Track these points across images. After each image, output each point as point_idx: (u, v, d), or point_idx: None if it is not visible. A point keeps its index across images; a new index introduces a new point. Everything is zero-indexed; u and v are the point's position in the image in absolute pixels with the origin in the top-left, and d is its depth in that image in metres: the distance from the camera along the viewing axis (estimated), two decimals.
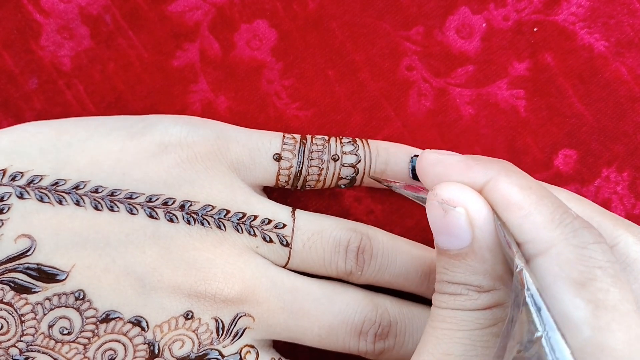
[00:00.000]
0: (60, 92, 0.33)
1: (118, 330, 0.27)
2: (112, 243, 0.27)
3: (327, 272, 0.30)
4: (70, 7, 0.33)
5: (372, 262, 0.29)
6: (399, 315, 0.29)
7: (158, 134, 0.29)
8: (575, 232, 0.21)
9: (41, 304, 0.27)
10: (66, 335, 0.27)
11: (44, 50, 0.33)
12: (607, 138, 0.33)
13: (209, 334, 0.28)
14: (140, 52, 0.33)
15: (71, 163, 0.28)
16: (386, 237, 0.30)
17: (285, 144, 0.30)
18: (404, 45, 0.33)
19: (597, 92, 0.33)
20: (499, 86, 0.33)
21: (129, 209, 0.28)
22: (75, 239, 0.27)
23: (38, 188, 0.27)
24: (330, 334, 0.29)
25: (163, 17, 0.33)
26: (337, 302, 0.29)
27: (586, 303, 0.19)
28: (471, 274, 0.23)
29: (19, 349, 0.27)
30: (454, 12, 0.33)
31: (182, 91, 0.33)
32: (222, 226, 0.28)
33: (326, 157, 0.30)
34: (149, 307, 0.27)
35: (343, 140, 0.30)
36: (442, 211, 0.23)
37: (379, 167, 0.30)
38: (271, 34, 0.33)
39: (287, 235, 0.29)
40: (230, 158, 0.29)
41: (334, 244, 0.29)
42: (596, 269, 0.20)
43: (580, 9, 0.33)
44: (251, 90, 0.33)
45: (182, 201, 0.28)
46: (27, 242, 0.27)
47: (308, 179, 0.30)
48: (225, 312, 0.28)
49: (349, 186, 0.31)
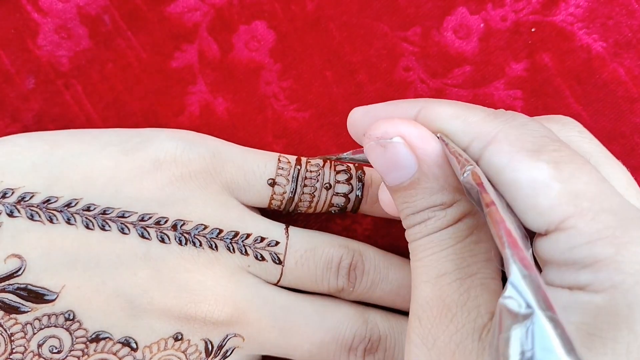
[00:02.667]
0: (58, 93, 0.33)
1: (108, 350, 0.27)
2: (102, 264, 0.27)
3: (318, 288, 0.29)
4: (69, 7, 0.33)
5: (363, 279, 0.29)
6: (389, 329, 0.29)
7: (152, 150, 0.28)
8: (513, 116, 0.23)
9: (31, 323, 0.27)
10: (56, 354, 0.27)
11: (41, 50, 0.33)
12: (604, 138, 0.32)
13: (197, 355, 0.28)
14: (138, 53, 0.33)
15: (64, 179, 0.28)
16: (378, 254, 0.30)
17: (280, 169, 0.30)
18: (401, 45, 0.33)
19: (594, 93, 0.33)
20: (496, 87, 0.33)
21: (120, 228, 0.27)
22: (66, 259, 0.27)
23: (29, 206, 0.27)
24: (321, 350, 0.29)
25: (162, 18, 0.33)
26: (328, 318, 0.29)
27: (547, 163, 0.21)
28: (430, 195, 0.23)
29: None
30: (451, 13, 0.33)
31: (181, 92, 0.33)
32: (214, 246, 0.28)
33: (319, 185, 0.30)
34: (139, 328, 0.27)
35: (337, 167, 0.30)
36: (382, 147, 0.23)
37: (371, 198, 0.30)
38: (269, 35, 0.33)
39: (280, 253, 0.29)
40: (225, 178, 0.29)
41: (326, 261, 0.29)
42: (543, 137, 0.22)
43: (579, 10, 0.33)
44: (249, 92, 0.33)
45: (175, 220, 0.28)
46: (17, 262, 0.27)
47: (300, 205, 0.30)
48: (215, 333, 0.28)
49: (340, 212, 0.31)
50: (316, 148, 0.33)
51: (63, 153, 0.28)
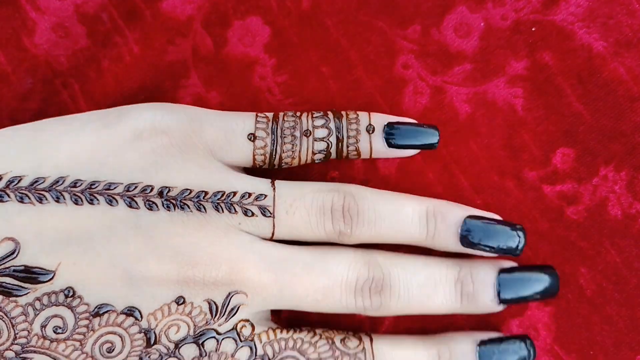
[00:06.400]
0: (56, 92, 0.32)
1: (112, 322, 0.28)
2: (95, 237, 0.27)
3: (315, 236, 0.30)
4: (66, 5, 0.33)
5: (359, 219, 0.29)
6: (392, 266, 0.30)
7: (131, 120, 0.29)
8: None
9: (31, 304, 0.27)
10: (60, 334, 0.27)
11: (39, 49, 0.32)
12: (605, 137, 0.32)
13: (203, 316, 0.28)
14: (131, 47, 0.33)
15: (49, 160, 0.28)
16: (369, 191, 0.30)
17: (258, 123, 0.30)
18: (400, 43, 0.33)
19: (595, 92, 0.33)
20: (497, 85, 0.33)
21: (108, 201, 0.28)
22: (59, 237, 0.27)
23: (18, 189, 0.28)
24: (327, 296, 0.29)
25: (156, 12, 0.33)
26: (329, 264, 0.29)
27: None
28: None
29: (15, 352, 0.27)
30: (451, 11, 0.33)
31: (174, 86, 0.33)
32: (202, 208, 0.28)
33: (298, 134, 0.30)
34: (140, 296, 0.28)
35: (314, 114, 0.30)
36: None
37: (351, 136, 0.30)
38: (264, 31, 0.33)
39: (268, 205, 0.29)
40: (205, 140, 0.29)
41: (318, 206, 0.29)
42: None
43: (579, 9, 0.33)
44: (243, 86, 0.33)
45: (161, 187, 0.28)
46: (11, 245, 0.27)
47: (283, 156, 0.30)
48: (217, 293, 0.28)
49: (325, 160, 0.31)
50: None
51: (46, 136, 0.29)
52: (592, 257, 0.32)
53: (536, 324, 0.32)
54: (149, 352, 0.28)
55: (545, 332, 0.32)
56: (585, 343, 0.32)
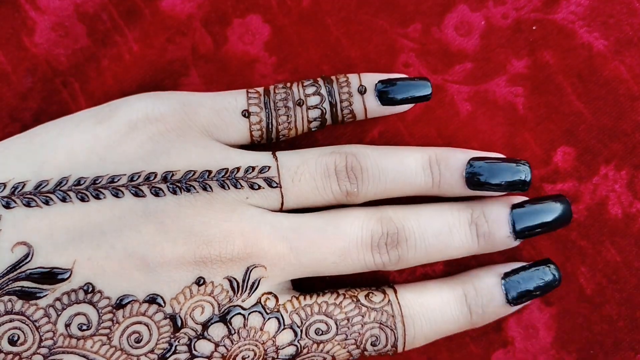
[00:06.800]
0: (56, 91, 0.32)
1: (136, 312, 0.28)
2: (106, 230, 0.28)
3: (324, 200, 0.30)
4: (66, 4, 0.33)
5: (364, 176, 0.30)
6: (404, 219, 0.30)
7: (124, 113, 0.29)
8: None
9: (52, 305, 0.27)
10: (86, 331, 0.27)
11: (39, 48, 0.32)
12: (605, 136, 0.32)
13: (225, 294, 0.28)
14: (131, 46, 0.33)
15: (49, 162, 0.28)
16: (370, 148, 0.30)
17: (250, 99, 0.30)
18: (401, 42, 0.33)
19: (595, 91, 0.33)
20: (498, 83, 0.33)
21: (114, 193, 0.28)
22: (70, 235, 0.27)
23: (23, 194, 0.28)
24: (345, 257, 0.29)
25: (156, 11, 0.33)
26: (341, 225, 0.29)
27: None
28: None
29: (43, 355, 0.27)
30: (452, 10, 0.33)
31: (173, 84, 0.33)
32: (208, 187, 0.28)
33: (291, 104, 0.30)
34: (160, 282, 0.28)
35: (305, 82, 0.31)
36: None
37: (344, 99, 0.30)
38: (264, 29, 0.33)
39: (273, 176, 0.29)
40: (200, 122, 0.29)
41: (322, 170, 0.29)
42: None
43: (580, 8, 0.33)
44: (244, 85, 0.33)
45: (164, 173, 0.28)
46: (23, 249, 0.27)
47: (280, 128, 0.30)
48: (235, 269, 0.28)
49: (322, 127, 0.31)
50: (314, 140, 0.33)
51: (42, 140, 0.29)
52: (592, 256, 0.32)
53: (536, 323, 0.32)
54: (178, 337, 0.28)
55: (545, 331, 0.32)
56: (586, 342, 0.32)
